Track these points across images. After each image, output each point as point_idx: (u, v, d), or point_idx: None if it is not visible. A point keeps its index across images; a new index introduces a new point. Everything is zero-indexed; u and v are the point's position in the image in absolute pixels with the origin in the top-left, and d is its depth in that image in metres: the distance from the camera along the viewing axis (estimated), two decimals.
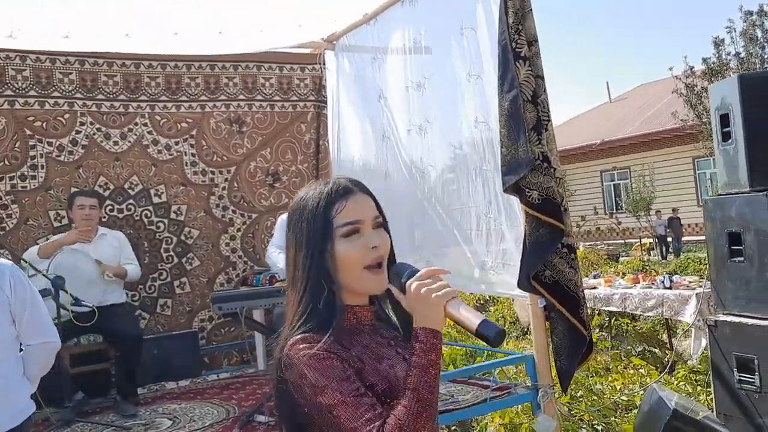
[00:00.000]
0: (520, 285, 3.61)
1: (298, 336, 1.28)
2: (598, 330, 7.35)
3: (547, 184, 3.47)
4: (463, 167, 4.28)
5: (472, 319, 1.24)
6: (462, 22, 4.12)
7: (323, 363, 1.24)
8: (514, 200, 3.80)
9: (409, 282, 1.30)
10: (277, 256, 4.21)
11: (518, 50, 3.51)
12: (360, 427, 1.18)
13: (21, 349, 2.44)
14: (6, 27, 4.19)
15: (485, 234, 4.13)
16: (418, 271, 1.33)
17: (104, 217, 4.79)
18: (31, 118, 4.73)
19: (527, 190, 3.48)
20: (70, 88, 4.84)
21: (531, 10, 3.61)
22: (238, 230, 5.36)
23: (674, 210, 18.53)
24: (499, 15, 3.57)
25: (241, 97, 5.38)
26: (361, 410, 1.20)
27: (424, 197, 4.62)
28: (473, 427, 4.81)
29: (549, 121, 3.57)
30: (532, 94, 3.50)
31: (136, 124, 5.04)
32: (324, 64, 5.58)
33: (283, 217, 4.47)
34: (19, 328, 2.35)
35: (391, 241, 1.41)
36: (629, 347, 6.57)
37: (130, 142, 5.03)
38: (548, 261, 3.53)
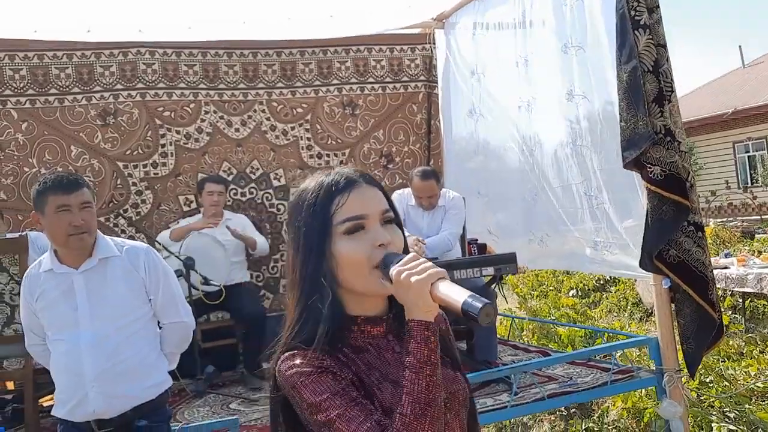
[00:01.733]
0: (642, 265, 3.46)
1: (288, 352, 1.17)
2: (730, 312, 6.92)
3: (671, 159, 3.29)
4: (565, 143, 4.16)
5: (456, 298, 1.08)
6: None
7: (313, 379, 1.13)
8: (618, 176, 3.66)
9: (391, 270, 1.13)
10: None
11: (637, 18, 3.34)
12: None
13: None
14: (135, 23, 4.48)
15: (589, 212, 4.01)
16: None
17: (229, 201, 5.04)
18: (160, 109, 5.05)
19: (649, 165, 3.32)
20: (194, 79, 5.12)
21: None
22: None
23: None
24: None
25: (353, 80, 5.48)
26: (357, 423, 1.09)
27: (534, 175, 4.53)
28: (593, 410, 4.69)
29: (672, 92, 3.37)
30: (653, 64, 3.33)
31: (254, 111, 5.26)
32: (434, 43, 5.56)
33: (395, 193, 4.52)
34: (154, 308, 2.48)
35: (405, 239, 1.25)
36: (766, 331, 6.14)
37: (250, 128, 5.26)
38: (673, 239, 3.36)
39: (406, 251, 1.22)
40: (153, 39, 4.88)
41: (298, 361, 1.15)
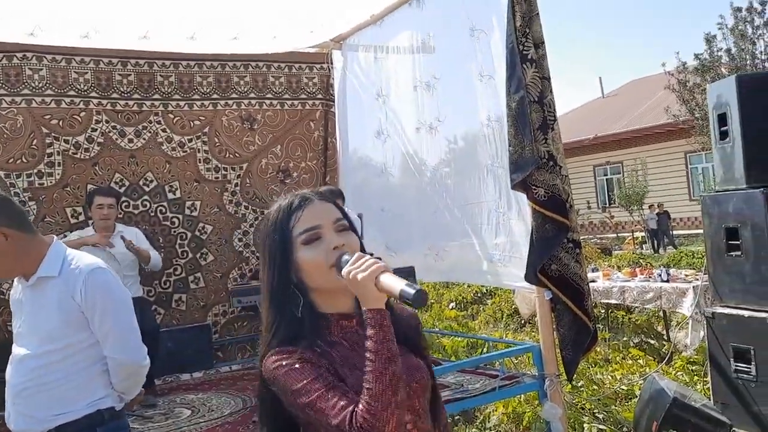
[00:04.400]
0: (527, 278, 3.77)
1: (271, 351, 1.33)
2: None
3: (553, 182, 3.63)
4: (475, 164, 4.43)
5: (395, 287, 1.25)
6: (473, 24, 4.27)
7: (295, 368, 1.29)
8: (523, 196, 3.96)
9: (343, 271, 1.30)
10: None
11: (525, 53, 3.65)
12: (336, 415, 1.24)
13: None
14: (28, 25, 4.29)
15: (494, 227, 4.30)
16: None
17: (120, 214, 4.90)
18: (47, 116, 4.83)
19: (534, 187, 3.63)
20: (86, 87, 4.95)
21: (538, 14, 3.75)
22: (251, 226, 5.49)
23: (659, 205, 18.77)
24: (507, 18, 3.72)
25: (252, 95, 5.51)
26: (334, 400, 1.25)
27: (435, 192, 4.76)
28: (476, 416, 4.96)
29: (555, 121, 3.71)
30: (538, 95, 3.65)
31: (150, 122, 5.16)
32: (332, 63, 5.72)
33: None
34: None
35: (362, 242, 1.42)
36: (626, 339, 6.75)
37: (144, 139, 5.15)
38: (554, 255, 3.69)
39: (363, 251, 1.38)
40: (44, 43, 4.68)
41: (279, 357, 1.31)
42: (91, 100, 4.97)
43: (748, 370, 4.02)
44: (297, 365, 1.29)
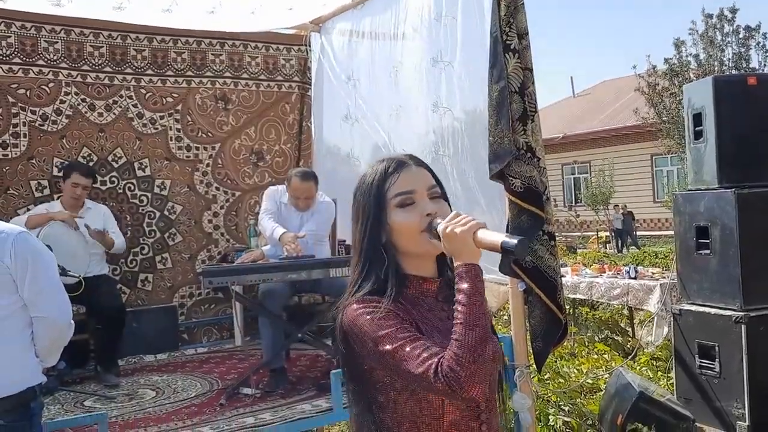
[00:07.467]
0: (502, 269, 3.73)
1: (355, 299, 1.38)
2: None
3: (530, 174, 3.61)
4: (430, 152, 4.40)
5: (496, 239, 1.28)
6: (444, 9, 4.24)
7: (379, 317, 1.32)
8: (472, 186, 3.97)
9: (439, 226, 1.35)
10: (267, 222, 4.27)
11: (508, 42, 3.63)
12: (420, 364, 1.25)
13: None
14: None
15: None
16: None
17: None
18: (14, 86, 4.66)
19: (511, 178, 3.62)
20: (55, 57, 4.79)
21: (523, 4, 3.72)
22: (221, 207, 5.39)
23: (624, 207, 19.15)
24: (492, 7, 3.70)
25: (227, 74, 5.39)
26: (418, 351, 1.27)
27: None
28: None
29: (535, 112, 3.70)
30: (519, 85, 3.63)
31: (121, 96, 5.01)
32: (310, 46, 5.63)
33: (270, 189, 4.52)
34: (23, 299, 2.29)
35: (451, 210, 1.44)
36: (591, 334, 6.84)
37: (114, 114, 5.00)
38: (529, 247, 3.69)
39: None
40: (16, 8, 4.50)
41: (364, 305, 1.36)
42: (60, 71, 4.81)
43: (712, 366, 4.09)
44: (382, 314, 1.32)
